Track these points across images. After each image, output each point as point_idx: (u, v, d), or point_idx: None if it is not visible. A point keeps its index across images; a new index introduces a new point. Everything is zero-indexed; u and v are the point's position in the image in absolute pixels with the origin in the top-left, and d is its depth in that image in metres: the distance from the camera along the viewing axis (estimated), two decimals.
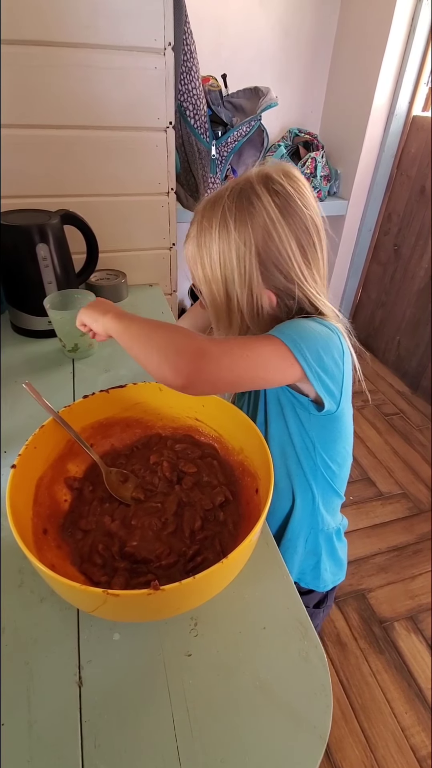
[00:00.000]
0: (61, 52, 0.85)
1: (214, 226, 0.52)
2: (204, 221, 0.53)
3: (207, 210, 0.53)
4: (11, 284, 0.88)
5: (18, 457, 0.45)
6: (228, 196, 0.51)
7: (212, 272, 0.54)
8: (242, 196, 0.51)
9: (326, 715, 0.38)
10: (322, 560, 0.70)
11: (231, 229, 0.51)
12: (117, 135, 0.95)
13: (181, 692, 0.39)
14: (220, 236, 0.52)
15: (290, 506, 0.66)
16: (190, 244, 0.56)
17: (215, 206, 0.52)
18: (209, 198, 0.54)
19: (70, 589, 0.35)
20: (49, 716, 0.37)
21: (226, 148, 1.20)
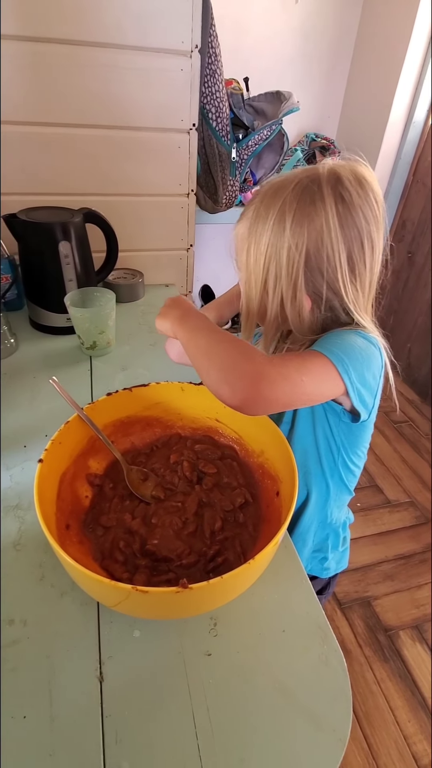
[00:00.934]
0: (89, 51, 0.85)
1: (270, 216, 0.49)
2: (262, 208, 0.50)
3: (268, 197, 0.50)
4: (32, 280, 0.89)
5: (44, 452, 0.46)
6: (292, 189, 0.48)
7: (256, 262, 0.52)
8: (306, 193, 0.48)
9: (346, 720, 0.38)
10: (329, 552, 0.72)
11: (286, 226, 0.48)
12: (141, 135, 0.95)
13: (201, 691, 0.39)
14: (274, 230, 0.49)
15: (303, 502, 0.67)
16: (242, 225, 0.53)
17: (276, 196, 0.49)
18: (274, 182, 0.51)
19: (97, 583, 0.36)
20: (71, 710, 0.38)
21: (247, 151, 1.21)
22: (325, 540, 0.71)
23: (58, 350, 0.88)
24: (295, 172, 0.51)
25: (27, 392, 0.76)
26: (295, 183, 0.49)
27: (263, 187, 0.53)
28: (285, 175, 0.52)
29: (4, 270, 0.91)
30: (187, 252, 1.14)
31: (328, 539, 0.71)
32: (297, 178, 0.49)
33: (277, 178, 0.52)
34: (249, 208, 0.53)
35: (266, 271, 0.52)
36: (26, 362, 0.84)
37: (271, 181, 0.52)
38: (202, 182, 1.25)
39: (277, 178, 0.52)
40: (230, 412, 0.57)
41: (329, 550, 0.72)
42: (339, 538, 0.73)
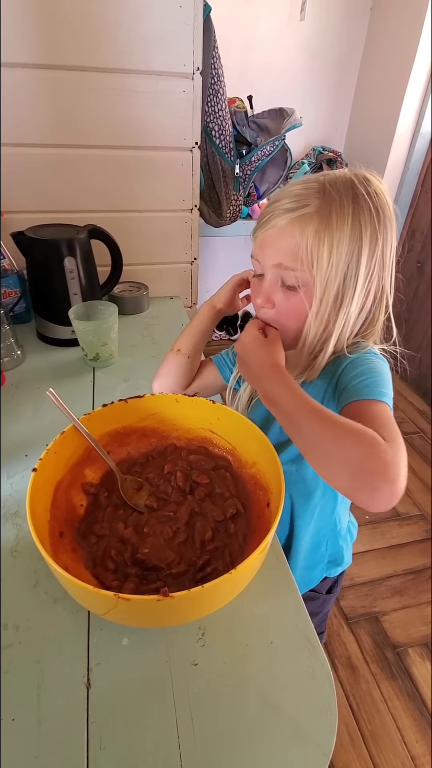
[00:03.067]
0: (96, 76, 0.89)
1: (346, 217, 0.46)
2: (334, 208, 0.46)
3: (337, 197, 0.47)
4: (38, 295, 0.92)
5: (39, 461, 0.47)
6: (363, 199, 0.47)
7: (336, 268, 0.47)
8: (380, 211, 0.47)
9: (331, 734, 0.38)
10: (339, 556, 0.73)
11: (364, 231, 0.47)
12: (145, 154, 0.99)
13: (186, 700, 0.40)
14: (352, 232, 0.47)
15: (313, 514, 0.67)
16: (309, 225, 0.47)
17: (341, 199, 0.47)
18: (333, 180, 0.48)
19: (83, 591, 0.37)
20: (58, 715, 0.39)
21: (250, 166, 1.23)
22: (336, 547, 0.72)
23: (63, 362, 0.90)
24: (347, 178, 0.49)
25: (31, 402, 0.78)
26: (364, 198, 0.47)
27: (323, 183, 0.49)
28: (341, 177, 0.49)
29: (12, 284, 0.95)
30: (191, 265, 1.16)
31: (339, 545, 0.72)
32: (361, 191, 0.47)
33: (330, 176, 0.50)
34: (308, 206, 0.47)
35: (342, 281, 0.48)
36: (32, 373, 0.86)
37: (314, 179, 0.50)
38: (206, 197, 1.28)
39: (334, 178, 0.49)
40: (224, 424, 0.58)
41: (339, 552, 0.73)
42: (347, 540, 0.74)
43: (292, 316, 0.52)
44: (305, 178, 0.51)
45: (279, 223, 0.49)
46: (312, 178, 0.50)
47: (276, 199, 0.51)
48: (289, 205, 0.48)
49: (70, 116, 0.92)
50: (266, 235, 0.51)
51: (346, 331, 0.51)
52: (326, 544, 0.71)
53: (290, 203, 0.48)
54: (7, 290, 0.95)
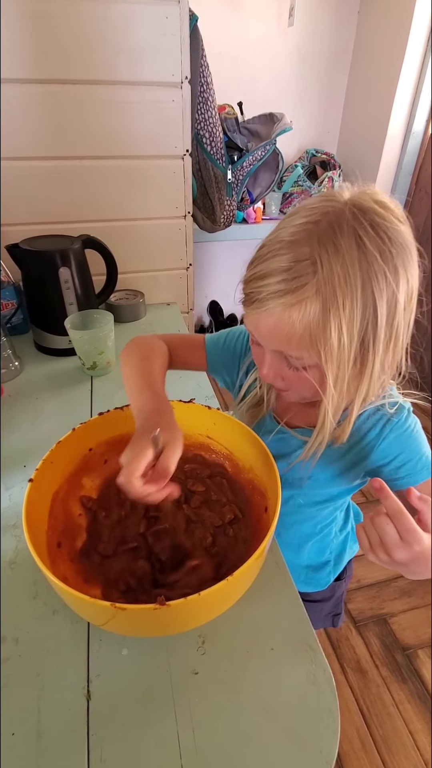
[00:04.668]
0: (86, 89, 0.90)
1: (354, 287, 0.38)
2: (338, 281, 0.38)
3: (338, 266, 0.38)
4: (35, 305, 0.92)
5: (35, 472, 0.47)
6: (371, 249, 0.38)
7: (348, 334, 0.39)
8: (396, 253, 0.39)
9: (333, 741, 0.37)
10: (344, 551, 0.73)
11: (378, 277, 0.38)
12: (136, 164, 1.00)
13: (186, 710, 0.39)
14: (363, 285, 0.38)
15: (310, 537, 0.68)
16: (309, 310, 0.39)
17: (353, 258, 0.38)
18: (329, 237, 0.38)
19: (80, 602, 0.36)
20: (58, 727, 0.38)
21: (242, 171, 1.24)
22: (343, 546, 0.73)
23: (61, 371, 0.91)
24: (315, 216, 0.40)
25: (29, 413, 0.78)
26: (353, 245, 0.38)
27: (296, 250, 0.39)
28: (306, 225, 0.40)
29: (9, 296, 0.95)
30: (186, 271, 1.16)
31: (342, 541, 0.72)
32: (335, 218, 0.39)
33: (298, 230, 0.40)
34: (294, 281, 0.39)
35: (359, 350, 0.41)
36: (30, 384, 0.87)
37: (303, 239, 0.39)
38: (199, 204, 1.29)
39: (301, 230, 0.40)
40: (220, 429, 0.58)
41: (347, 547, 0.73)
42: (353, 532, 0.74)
43: (305, 389, 0.46)
44: (291, 234, 0.40)
45: (272, 309, 0.40)
46: (300, 237, 0.40)
47: (262, 272, 0.41)
48: (280, 286, 0.39)
49: (61, 129, 0.93)
50: (259, 318, 0.43)
51: (372, 392, 0.46)
52: (330, 547, 0.71)
53: (281, 283, 0.39)
54: (4, 302, 0.96)
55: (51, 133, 0.93)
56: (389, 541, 0.38)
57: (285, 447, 0.59)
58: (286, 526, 0.65)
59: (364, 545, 0.41)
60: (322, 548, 0.70)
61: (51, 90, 0.89)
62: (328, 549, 0.70)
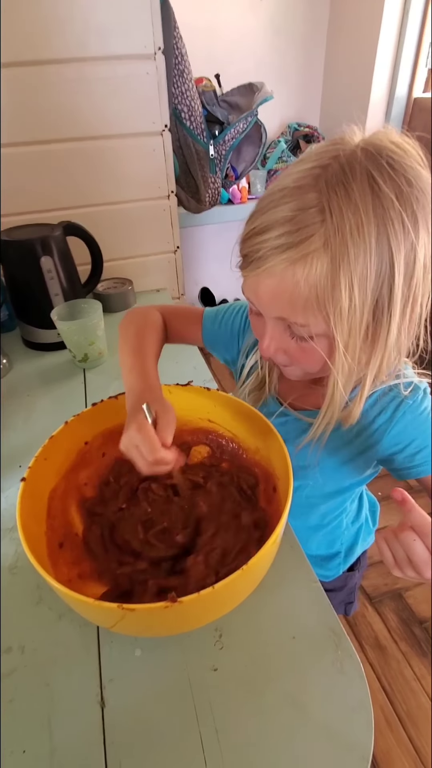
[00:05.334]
0: (54, 69, 0.85)
1: (368, 238, 0.33)
2: (350, 231, 0.33)
3: (351, 213, 0.33)
4: (19, 299, 0.88)
5: (28, 470, 0.44)
6: (389, 194, 0.33)
7: (360, 295, 0.34)
8: (416, 199, 0.34)
9: (368, 733, 0.35)
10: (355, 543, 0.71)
11: (397, 228, 0.33)
12: (114, 143, 0.95)
13: (208, 710, 0.37)
14: (379, 255, 0.33)
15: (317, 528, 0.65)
16: (316, 266, 0.34)
17: (367, 205, 0.32)
18: (340, 180, 0.33)
19: (85, 605, 0.34)
20: (72, 740, 0.36)
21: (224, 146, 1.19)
22: (355, 538, 0.70)
23: (52, 366, 0.87)
24: (323, 158, 0.35)
25: (22, 411, 0.75)
26: (367, 189, 0.33)
27: (310, 189, 0.34)
28: (314, 169, 0.35)
29: None
30: (174, 254, 1.12)
31: (354, 533, 0.70)
32: (346, 160, 0.34)
33: (303, 175, 0.35)
34: (299, 233, 0.34)
35: (372, 316, 0.36)
36: (21, 381, 0.83)
37: (309, 184, 0.34)
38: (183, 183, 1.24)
39: (307, 176, 0.35)
40: (222, 412, 0.55)
41: (359, 539, 0.70)
42: (367, 524, 0.72)
43: (311, 363, 0.41)
44: (296, 180, 0.35)
45: (273, 268, 0.35)
46: (306, 182, 0.35)
47: (262, 226, 0.36)
48: (282, 240, 0.34)
49: (31, 113, 0.87)
50: (258, 281, 0.38)
51: (385, 366, 0.41)
52: (341, 539, 0.68)
53: (283, 237, 0.34)
54: None
55: (21, 117, 0.87)
56: (418, 559, 0.35)
57: (289, 431, 0.54)
58: (292, 516, 0.61)
59: (388, 561, 0.38)
60: (331, 540, 0.67)
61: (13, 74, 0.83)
62: (339, 541, 0.67)
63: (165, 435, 0.40)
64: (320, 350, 0.38)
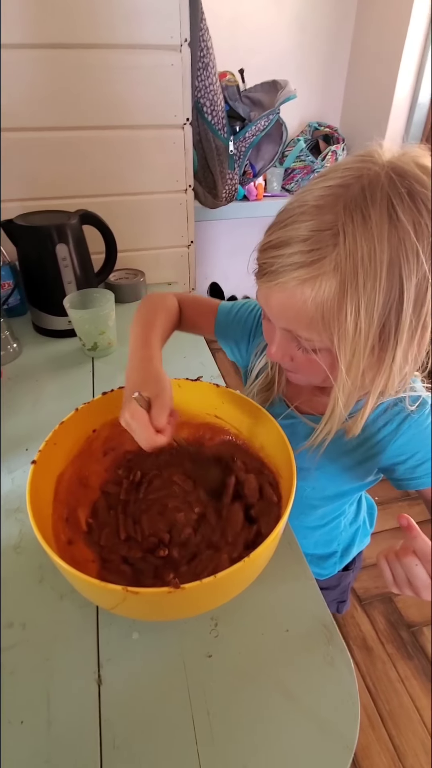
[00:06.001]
0: (81, 54, 0.85)
1: (379, 266, 0.33)
2: (361, 258, 0.33)
3: (364, 240, 0.33)
4: (32, 285, 0.89)
5: (38, 453, 0.45)
6: (404, 222, 0.33)
7: (367, 316, 0.35)
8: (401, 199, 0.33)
9: (353, 725, 0.36)
10: (352, 544, 0.72)
11: (413, 249, 0.33)
12: (134, 134, 0.95)
13: (201, 694, 0.38)
14: (389, 282, 0.34)
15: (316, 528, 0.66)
16: (325, 289, 0.35)
17: (382, 232, 0.33)
18: (359, 206, 0.33)
19: (89, 585, 0.35)
20: (69, 715, 0.37)
21: (244, 143, 1.19)
22: (352, 539, 0.71)
23: (61, 353, 0.88)
24: (346, 177, 0.35)
25: (30, 395, 0.76)
26: (384, 217, 0.33)
27: (320, 217, 0.35)
28: (333, 187, 0.35)
29: (5, 276, 0.92)
30: (188, 249, 1.12)
31: (351, 534, 0.71)
32: (368, 183, 0.34)
33: (322, 193, 0.35)
34: (320, 261, 0.34)
35: (378, 337, 0.36)
36: (30, 366, 0.84)
37: (329, 207, 0.34)
38: (200, 177, 1.24)
39: (327, 194, 0.35)
40: (229, 408, 0.56)
41: (356, 540, 0.72)
42: (364, 526, 0.73)
43: (315, 374, 0.43)
44: (317, 198, 0.35)
45: (285, 284, 0.36)
46: (326, 202, 0.35)
47: (278, 240, 0.37)
48: (295, 258, 0.35)
49: (57, 97, 0.88)
50: (270, 292, 0.39)
51: (391, 386, 0.41)
52: (338, 539, 0.69)
53: (297, 255, 0.35)
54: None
55: (46, 101, 0.88)
56: (420, 583, 0.36)
57: (292, 433, 0.54)
58: (291, 516, 0.62)
59: (387, 579, 0.39)
60: (329, 540, 0.68)
61: (47, 55, 0.84)
62: (336, 541, 0.69)
63: (159, 420, 0.41)
64: (323, 364, 0.40)
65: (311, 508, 0.62)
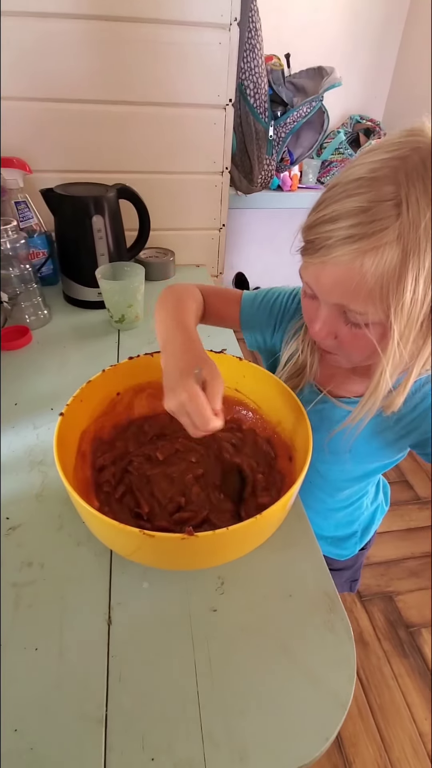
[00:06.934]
0: (127, 27, 0.86)
1: None
2: (425, 226, 0.33)
3: (419, 191, 0.33)
4: (66, 255, 0.91)
5: (66, 407, 0.47)
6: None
7: (423, 300, 0.36)
8: None
9: (349, 686, 0.37)
10: (372, 523, 0.74)
11: None
12: (176, 112, 0.96)
13: (204, 643, 0.40)
14: None
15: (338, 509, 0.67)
16: (385, 260, 0.35)
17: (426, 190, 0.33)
18: (421, 170, 0.34)
19: (109, 528, 0.37)
20: (79, 648, 0.39)
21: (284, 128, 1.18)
22: (372, 518, 0.73)
23: (89, 323, 0.91)
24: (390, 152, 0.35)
25: (56, 360, 0.79)
26: None
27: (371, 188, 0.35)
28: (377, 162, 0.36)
29: (40, 245, 0.95)
30: (219, 232, 1.13)
31: (371, 514, 0.72)
32: (427, 154, 0.34)
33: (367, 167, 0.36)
34: (381, 232, 0.34)
35: (430, 310, 0.37)
36: (58, 333, 0.87)
37: (386, 176, 0.35)
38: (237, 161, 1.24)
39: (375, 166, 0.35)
40: (249, 383, 0.57)
41: (375, 519, 0.73)
42: (382, 505, 0.74)
43: (359, 350, 0.43)
44: (372, 170, 0.35)
45: (340, 257, 0.36)
46: (383, 174, 0.35)
47: (333, 214, 0.36)
48: (353, 230, 0.35)
49: (102, 70, 0.89)
50: (323, 268, 0.38)
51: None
52: (359, 520, 0.70)
53: (355, 227, 0.35)
54: (35, 250, 0.95)
55: (91, 74, 0.89)
56: None
57: (326, 418, 0.55)
58: (317, 498, 0.63)
59: None
60: (350, 521, 0.69)
61: (95, 27, 0.85)
62: (357, 522, 0.70)
63: (215, 402, 0.40)
64: (372, 338, 0.39)
65: (337, 490, 0.63)
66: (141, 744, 0.34)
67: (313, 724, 0.35)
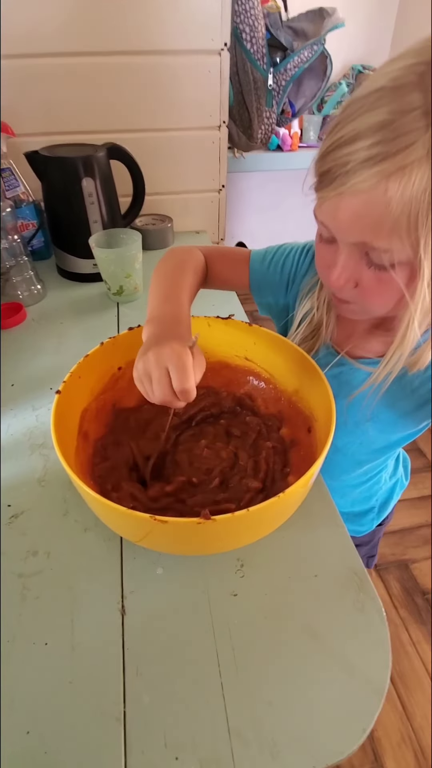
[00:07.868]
0: None
1: None
2: None
3: None
4: (57, 224, 0.86)
5: (62, 384, 0.44)
6: None
7: None
8: None
9: (384, 671, 0.35)
10: (390, 498, 0.71)
11: None
12: (166, 60, 0.87)
13: (226, 630, 0.37)
14: None
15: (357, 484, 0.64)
16: (413, 180, 0.29)
17: None
18: None
19: (117, 514, 0.33)
20: (92, 641, 0.37)
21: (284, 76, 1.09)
22: (391, 492, 0.69)
23: (86, 297, 0.86)
24: None
25: (53, 338, 0.74)
26: None
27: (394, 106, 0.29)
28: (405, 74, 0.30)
29: (29, 215, 0.88)
30: (218, 194, 1.06)
31: (390, 488, 0.69)
32: None
33: None
34: (408, 148, 0.29)
35: None
36: (54, 309, 0.82)
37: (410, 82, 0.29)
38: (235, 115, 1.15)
39: None
40: (261, 350, 0.53)
41: (394, 494, 0.70)
42: (401, 479, 0.71)
43: (383, 298, 0.38)
44: (394, 79, 0.30)
45: (360, 184, 0.31)
46: (409, 80, 0.29)
47: (350, 134, 0.31)
48: (375, 149, 0.29)
49: (82, 19, 0.81)
50: (339, 200, 0.33)
51: None
52: (377, 495, 0.66)
53: (376, 146, 0.29)
54: (23, 222, 0.89)
55: (69, 24, 0.81)
56: None
57: (344, 383, 0.50)
58: (333, 475, 0.58)
59: None
60: (368, 497, 0.66)
61: None
62: (375, 497, 0.66)
63: (196, 373, 0.37)
64: (399, 281, 0.34)
65: (356, 464, 0.58)
66: (163, 742, 0.31)
67: (347, 715, 0.32)
